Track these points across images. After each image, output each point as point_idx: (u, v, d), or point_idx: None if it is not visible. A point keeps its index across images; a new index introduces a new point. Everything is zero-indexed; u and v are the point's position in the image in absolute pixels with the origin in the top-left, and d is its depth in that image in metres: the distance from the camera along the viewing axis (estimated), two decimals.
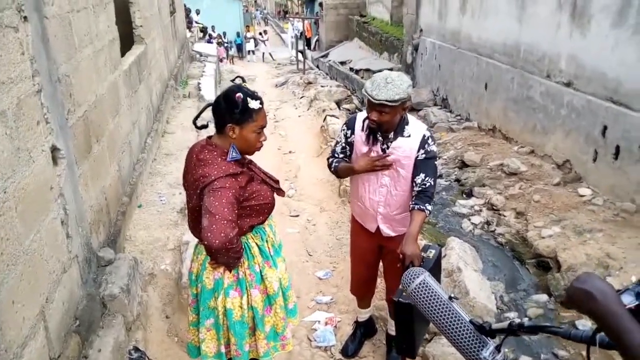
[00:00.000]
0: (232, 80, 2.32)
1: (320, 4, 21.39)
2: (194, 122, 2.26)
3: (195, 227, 2.17)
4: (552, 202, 5.15)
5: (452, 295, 1.90)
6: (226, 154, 2.09)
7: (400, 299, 2.20)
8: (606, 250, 4.07)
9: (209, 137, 2.18)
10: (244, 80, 2.28)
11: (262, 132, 2.15)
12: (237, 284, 2.20)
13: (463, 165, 6.86)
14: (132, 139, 4.19)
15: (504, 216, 5.29)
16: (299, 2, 31.45)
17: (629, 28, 4.89)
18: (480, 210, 5.58)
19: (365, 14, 19.52)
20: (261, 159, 2.23)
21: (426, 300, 1.92)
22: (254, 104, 2.05)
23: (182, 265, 3.35)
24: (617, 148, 4.99)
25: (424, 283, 1.94)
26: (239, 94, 2.02)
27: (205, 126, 2.26)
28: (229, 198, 1.97)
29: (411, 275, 1.98)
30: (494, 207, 5.48)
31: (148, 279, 3.27)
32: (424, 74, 10.98)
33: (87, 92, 3.02)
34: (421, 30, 11.30)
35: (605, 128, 5.17)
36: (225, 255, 1.98)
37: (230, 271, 2.16)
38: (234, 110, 2.03)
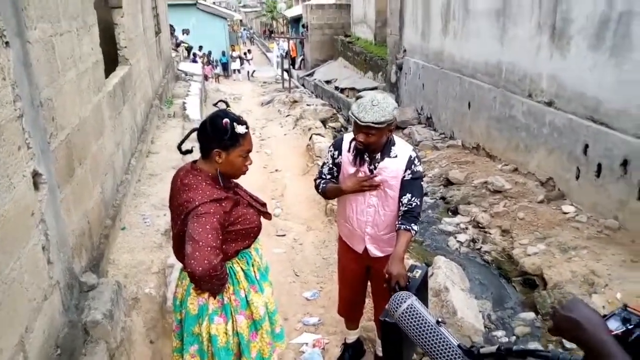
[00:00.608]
0: (215, 104, 2.31)
1: (304, 25, 21.61)
2: (179, 147, 2.24)
3: (180, 252, 2.14)
4: (536, 220, 5.20)
5: (440, 319, 1.90)
6: (211, 179, 2.08)
7: (387, 319, 2.18)
8: (591, 267, 4.11)
9: (194, 162, 2.17)
10: (227, 105, 2.27)
11: (248, 156, 2.15)
12: (221, 310, 2.17)
13: (448, 183, 6.91)
14: (115, 160, 4.15)
15: (490, 234, 5.32)
16: (284, 22, 31.78)
17: (605, 50, 5.01)
18: (466, 228, 5.60)
19: (350, 34, 19.78)
20: (247, 177, 2.23)
21: (414, 326, 1.90)
22: (240, 129, 2.05)
23: (167, 288, 3.30)
24: (599, 166, 5.07)
25: (411, 308, 1.93)
26: (226, 120, 2.02)
27: (189, 151, 2.25)
28: (213, 224, 1.95)
29: (398, 300, 1.97)
30: (480, 225, 5.52)
31: (132, 304, 3.21)
32: (408, 92, 11.11)
33: (70, 115, 2.99)
34: (405, 51, 11.46)
35: (586, 146, 5.26)
36: (209, 283, 1.95)
37: (214, 297, 2.13)
38: (222, 136, 2.02)
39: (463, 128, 8.43)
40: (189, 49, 18.25)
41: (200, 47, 22.07)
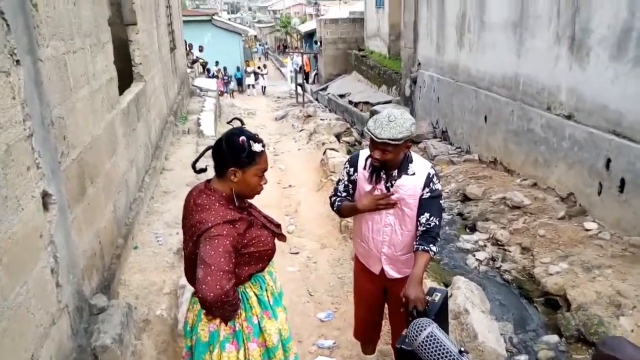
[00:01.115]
0: (230, 122, 2.25)
1: (317, 41, 21.70)
2: (193, 166, 2.18)
3: (191, 274, 2.07)
4: (557, 237, 5.04)
5: (463, 348, 1.79)
6: (225, 199, 2.01)
7: (403, 346, 2.08)
8: (617, 288, 3.95)
9: (208, 181, 2.10)
10: (242, 122, 2.20)
11: (264, 175, 2.08)
12: (233, 337, 2.08)
13: (465, 198, 6.77)
14: (129, 177, 4.12)
15: (509, 252, 5.17)
16: (298, 37, 31.99)
17: (628, 61, 4.88)
18: (485, 246, 5.46)
19: (364, 48, 19.79)
20: (261, 194, 2.15)
21: (435, 356, 1.80)
22: (256, 147, 1.99)
23: (178, 310, 3.22)
24: (622, 181, 4.92)
25: (432, 336, 1.83)
26: (243, 138, 1.95)
27: (204, 170, 2.18)
28: (226, 247, 1.88)
29: (418, 327, 1.87)
30: (499, 242, 5.37)
31: (142, 326, 3.14)
32: (423, 106, 11.01)
33: (83, 134, 2.96)
34: (419, 64, 11.39)
35: (609, 161, 5.11)
36: (221, 309, 1.87)
37: (226, 324, 2.05)
38: (238, 154, 1.96)
39: (480, 142, 8.30)
40: (204, 64, 18.39)
41: (217, 63, 22.32)
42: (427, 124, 10.48)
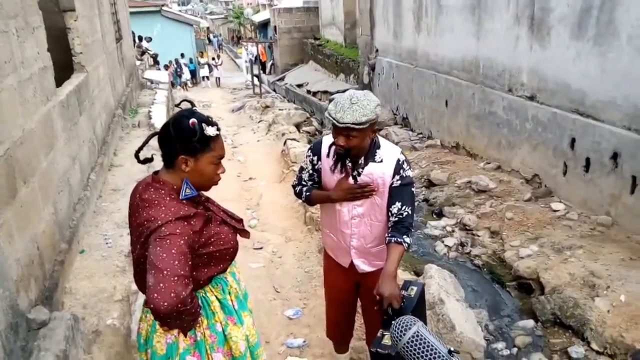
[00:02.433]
0: (178, 105, 1.96)
1: (274, 28, 21.33)
2: (136, 155, 1.89)
3: (142, 280, 1.78)
4: (526, 219, 4.98)
5: (452, 348, 1.60)
6: (176, 192, 1.74)
7: (379, 350, 1.89)
8: (589, 268, 3.88)
9: (155, 173, 1.82)
10: (192, 105, 1.92)
11: (220, 163, 1.82)
12: (194, 348, 1.83)
13: (430, 184, 6.66)
14: (71, 175, 3.74)
15: (478, 236, 5.07)
16: (252, 27, 31.39)
17: (589, 40, 4.83)
18: (453, 231, 5.35)
19: (319, 37, 19.56)
20: (219, 187, 1.89)
21: (422, 357, 1.61)
22: (210, 131, 1.72)
23: (132, 318, 2.92)
24: (588, 160, 4.88)
25: (418, 335, 1.64)
26: (193, 120, 1.68)
27: (149, 159, 1.90)
28: (180, 247, 1.61)
29: (402, 327, 1.67)
30: (467, 227, 5.27)
31: (92, 338, 2.82)
32: (382, 93, 10.88)
33: (11, 128, 2.60)
34: (377, 51, 11.24)
35: (573, 140, 5.06)
36: (178, 319, 1.61)
37: (185, 335, 1.78)
38: (189, 139, 1.68)
39: (441, 127, 8.22)
40: (154, 56, 17.71)
41: (182, 55, 21.97)
42: (388, 111, 10.37)
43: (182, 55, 22.47)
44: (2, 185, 2.35)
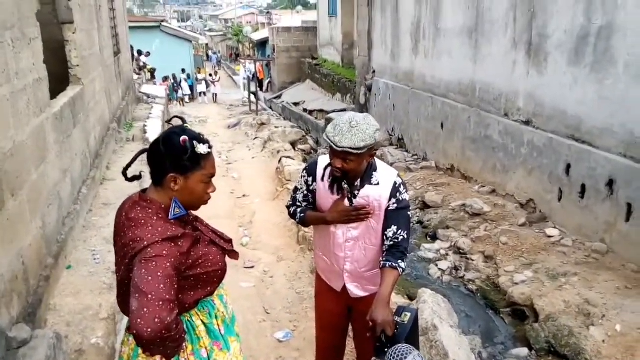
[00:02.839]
0: (168, 122, 1.92)
1: (273, 47, 21.50)
2: (124, 173, 1.84)
3: (125, 303, 1.72)
4: (520, 244, 4.94)
5: None
6: (164, 211, 1.69)
7: None
8: (585, 296, 3.84)
9: (143, 191, 1.77)
10: (184, 121, 1.88)
11: (211, 181, 1.77)
12: None
13: (425, 206, 6.63)
14: (62, 189, 3.68)
15: (472, 260, 5.03)
16: (251, 45, 31.62)
17: (586, 66, 4.85)
18: (447, 255, 5.30)
19: (317, 56, 19.70)
20: (212, 204, 1.84)
21: None
22: (201, 149, 1.67)
23: (117, 338, 2.84)
24: (583, 186, 4.87)
25: None
26: (184, 137, 1.63)
27: (137, 177, 1.85)
28: (165, 270, 1.55)
29: (398, 356, 1.62)
30: (461, 251, 5.22)
31: (75, 357, 2.73)
32: (378, 114, 10.90)
33: (1, 139, 2.55)
34: (374, 72, 11.30)
35: (569, 166, 5.06)
36: (161, 346, 1.54)
37: None
38: (179, 157, 1.64)
39: (437, 149, 8.22)
40: (152, 71, 17.75)
41: (183, 70, 22.12)
42: (383, 132, 10.38)
43: (183, 71, 22.52)
44: None
